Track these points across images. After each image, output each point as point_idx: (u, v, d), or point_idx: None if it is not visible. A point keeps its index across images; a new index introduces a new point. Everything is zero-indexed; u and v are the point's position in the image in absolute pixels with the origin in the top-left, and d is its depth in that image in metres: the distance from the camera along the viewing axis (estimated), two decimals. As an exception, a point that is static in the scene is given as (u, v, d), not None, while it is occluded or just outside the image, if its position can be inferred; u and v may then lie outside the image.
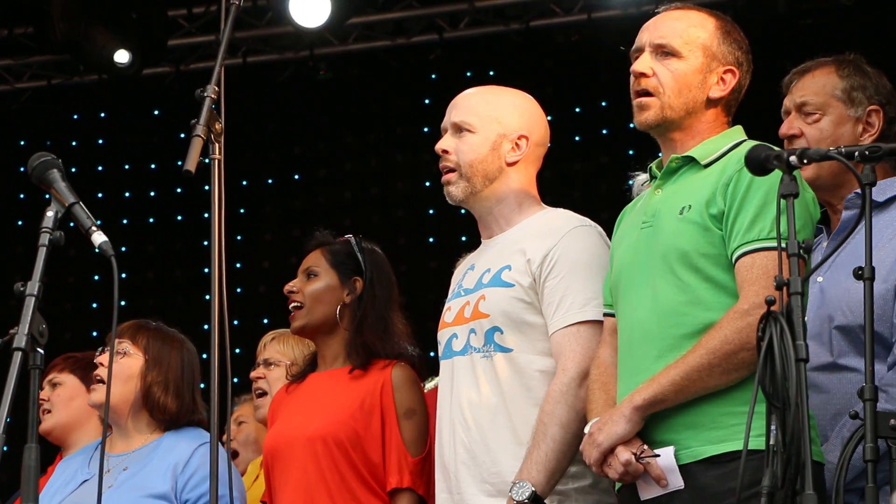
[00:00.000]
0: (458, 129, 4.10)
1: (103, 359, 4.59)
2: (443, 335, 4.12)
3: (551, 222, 4.05)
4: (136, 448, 4.58)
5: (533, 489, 3.74)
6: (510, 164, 4.08)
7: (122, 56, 8.60)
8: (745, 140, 3.71)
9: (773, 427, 3.05)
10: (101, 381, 4.57)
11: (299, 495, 4.37)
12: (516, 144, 4.08)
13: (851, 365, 3.72)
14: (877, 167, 3.87)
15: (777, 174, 3.32)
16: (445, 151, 4.10)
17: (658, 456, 3.49)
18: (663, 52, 3.71)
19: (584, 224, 4.04)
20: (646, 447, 3.51)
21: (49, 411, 5.19)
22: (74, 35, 8.48)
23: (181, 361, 4.64)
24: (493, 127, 4.08)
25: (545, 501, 3.76)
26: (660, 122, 3.70)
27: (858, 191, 3.82)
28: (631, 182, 5.08)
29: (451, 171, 4.09)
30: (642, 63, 3.71)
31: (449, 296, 4.20)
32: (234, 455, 6.03)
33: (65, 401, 5.19)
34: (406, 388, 4.38)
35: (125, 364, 4.58)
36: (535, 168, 4.15)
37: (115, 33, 8.57)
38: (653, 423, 3.54)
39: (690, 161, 3.69)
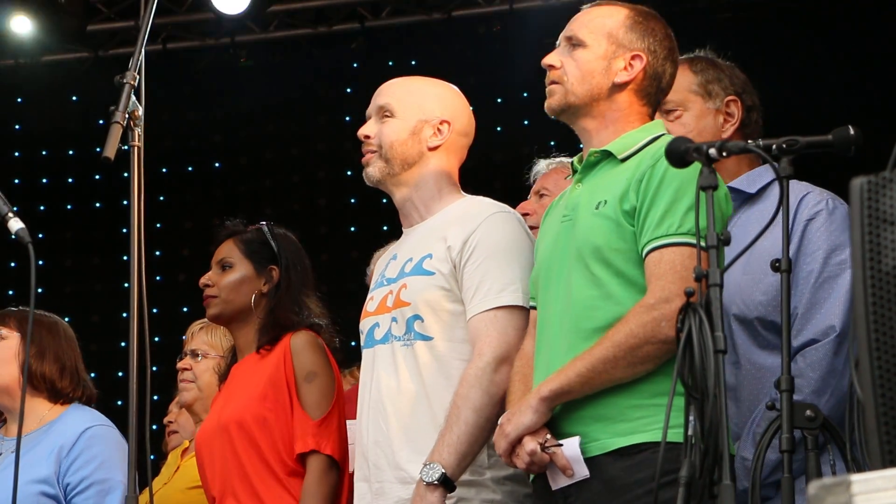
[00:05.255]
0: (381, 113, 4.13)
1: None
2: (364, 324, 4.12)
3: (470, 208, 4.07)
4: (29, 431, 4.58)
5: (443, 471, 3.74)
6: (431, 149, 4.10)
7: (21, 25, 8.44)
8: (663, 134, 3.73)
9: (691, 418, 3.07)
10: None
11: (219, 482, 4.37)
12: (437, 129, 4.11)
13: (752, 358, 3.76)
14: (742, 157, 3.94)
15: (690, 170, 3.35)
16: (367, 136, 4.13)
17: (562, 446, 3.52)
18: (571, 43, 3.77)
19: (503, 210, 4.06)
20: (550, 437, 3.54)
21: None
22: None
23: (57, 334, 4.70)
24: (414, 112, 4.11)
25: (455, 484, 3.77)
26: (563, 107, 3.75)
27: (733, 184, 3.88)
28: (528, 169, 5.14)
29: (373, 152, 4.12)
30: (550, 56, 3.79)
31: (371, 286, 4.21)
32: (172, 433, 6.02)
33: None
34: (305, 351, 4.37)
35: (3, 346, 4.59)
36: (457, 158, 4.17)
37: (35, 17, 8.46)
38: (562, 415, 3.57)
39: (609, 155, 3.72)
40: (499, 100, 9.11)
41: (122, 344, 3.61)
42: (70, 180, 9.59)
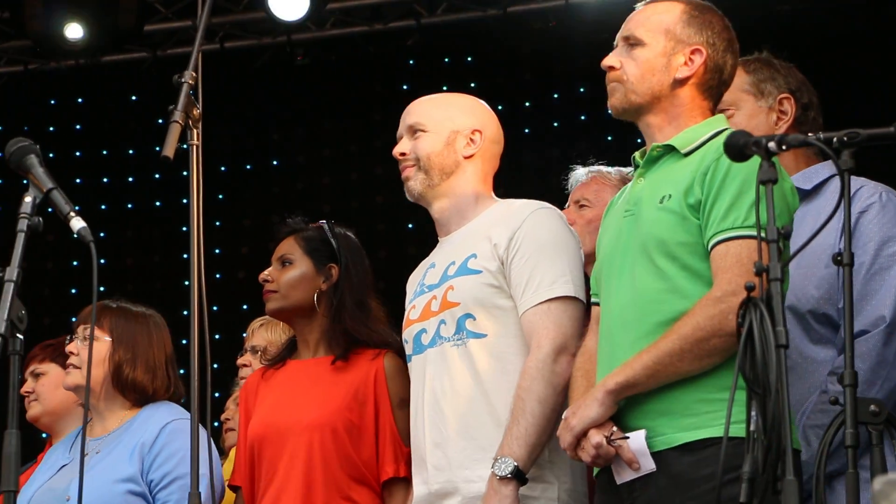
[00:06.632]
0: (413, 131, 4.22)
1: (73, 347, 4.63)
2: (410, 332, 4.15)
3: (511, 207, 4.13)
4: (111, 430, 4.60)
5: (515, 464, 3.77)
6: (466, 158, 4.18)
7: (74, 31, 8.49)
8: (726, 129, 3.72)
9: (753, 413, 3.05)
10: (74, 367, 4.61)
11: (298, 485, 4.32)
12: (470, 139, 4.19)
13: (804, 351, 3.74)
14: (799, 154, 3.93)
15: (755, 164, 3.33)
16: (403, 154, 4.21)
17: (628, 438, 3.51)
18: (629, 43, 3.77)
19: (546, 206, 4.13)
20: (616, 429, 3.53)
21: (36, 400, 5.22)
22: (48, 21, 8.42)
23: (148, 336, 4.67)
24: (446, 125, 4.19)
25: (527, 477, 3.78)
26: (625, 106, 3.75)
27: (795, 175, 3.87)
28: (566, 178, 5.11)
29: (411, 167, 4.19)
30: (609, 57, 3.79)
31: (410, 297, 4.23)
32: (229, 430, 6.03)
33: (50, 389, 5.22)
34: (399, 377, 4.36)
35: (94, 349, 4.60)
36: (490, 166, 4.24)
37: (93, 18, 8.51)
38: (627, 409, 3.56)
39: (671, 150, 3.71)
40: (555, 95, 9.09)
41: (183, 342, 3.61)
42: (130, 179, 9.65)
